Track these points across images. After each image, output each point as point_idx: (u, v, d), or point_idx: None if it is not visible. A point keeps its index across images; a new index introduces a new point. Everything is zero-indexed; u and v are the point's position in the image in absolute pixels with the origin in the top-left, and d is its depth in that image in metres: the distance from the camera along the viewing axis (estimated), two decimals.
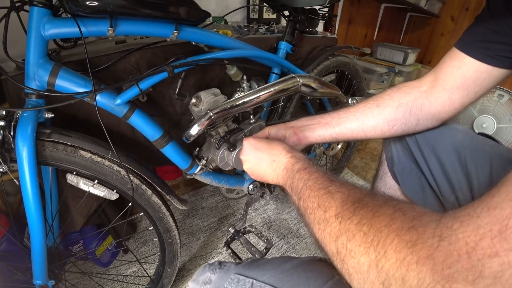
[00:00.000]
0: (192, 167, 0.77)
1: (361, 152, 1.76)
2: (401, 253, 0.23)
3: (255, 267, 0.39)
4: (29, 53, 0.51)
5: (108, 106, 0.60)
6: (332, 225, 0.31)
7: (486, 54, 0.44)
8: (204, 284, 0.41)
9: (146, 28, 0.58)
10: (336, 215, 0.31)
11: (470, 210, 0.23)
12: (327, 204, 0.33)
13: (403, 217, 0.26)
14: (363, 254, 0.26)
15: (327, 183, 0.37)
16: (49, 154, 0.56)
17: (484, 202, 0.22)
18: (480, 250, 0.20)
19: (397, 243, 0.24)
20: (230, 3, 1.44)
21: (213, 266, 0.43)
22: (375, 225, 0.27)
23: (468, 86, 0.47)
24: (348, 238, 0.28)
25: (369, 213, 0.28)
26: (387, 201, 0.30)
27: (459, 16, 2.27)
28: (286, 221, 1.22)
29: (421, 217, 0.25)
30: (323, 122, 0.60)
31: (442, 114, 0.52)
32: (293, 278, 0.35)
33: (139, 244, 1.09)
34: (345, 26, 2.15)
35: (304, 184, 0.40)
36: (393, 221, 0.26)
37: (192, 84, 0.84)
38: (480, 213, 0.21)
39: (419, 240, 0.23)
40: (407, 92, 0.53)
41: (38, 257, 0.61)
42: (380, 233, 0.26)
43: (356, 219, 0.29)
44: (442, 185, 0.55)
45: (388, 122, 0.55)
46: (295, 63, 0.94)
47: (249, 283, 0.37)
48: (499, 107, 1.54)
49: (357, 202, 0.31)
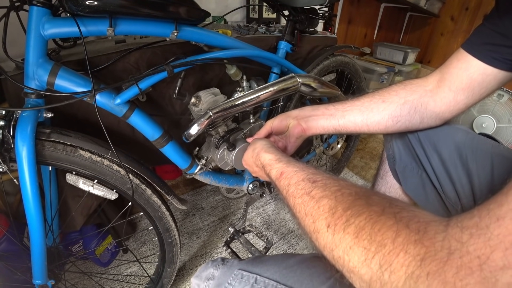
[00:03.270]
0: (192, 167, 0.77)
1: (360, 151, 1.76)
2: (409, 267, 0.22)
3: (258, 263, 0.39)
4: (28, 52, 0.51)
5: (108, 105, 0.60)
6: (324, 235, 0.29)
7: (493, 57, 0.44)
8: (207, 280, 0.41)
9: (146, 27, 0.58)
10: (327, 225, 0.29)
11: (477, 220, 0.22)
12: (315, 213, 0.31)
13: (407, 230, 0.24)
14: (364, 267, 0.25)
15: (308, 187, 0.34)
16: (48, 153, 0.56)
17: (492, 212, 0.21)
18: (492, 263, 0.19)
19: (403, 257, 0.23)
20: (229, 2, 1.44)
21: (216, 263, 0.43)
22: (376, 239, 0.25)
23: (473, 88, 0.48)
24: (345, 251, 0.27)
25: (367, 225, 0.26)
26: (384, 208, 0.27)
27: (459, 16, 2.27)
28: (286, 220, 1.22)
29: (426, 228, 0.24)
30: (327, 113, 0.58)
31: (446, 113, 0.52)
32: (296, 274, 0.35)
33: (139, 244, 1.09)
34: (345, 25, 2.15)
35: (286, 191, 0.37)
36: (396, 235, 0.24)
37: (191, 84, 0.84)
38: (490, 224, 0.21)
39: (427, 254, 0.22)
40: (413, 89, 0.53)
41: (38, 257, 0.61)
42: (383, 248, 0.24)
43: (351, 230, 0.27)
44: (444, 182, 0.55)
45: (392, 118, 0.54)
46: (295, 63, 0.94)
47: (252, 279, 0.37)
48: (499, 107, 1.54)
49: (349, 209, 0.29)
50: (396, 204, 0.28)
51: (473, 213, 0.23)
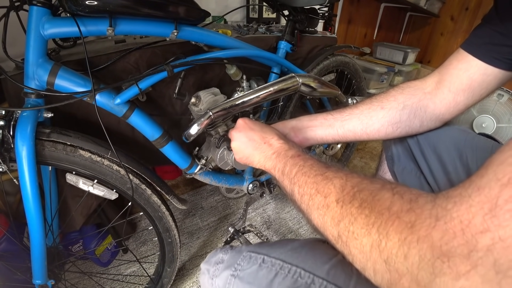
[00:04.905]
0: (192, 167, 0.77)
1: (360, 151, 1.76)
2: (402, 233, 0.25)
3: (265, 246, 0.41)
4: (28, 52, 0.51)
5: (108, 105, 0.60)
6: (333, 209, 0.32)
7: (493, 57, 0.44)
8: (217, 264, 0.43)
9: (146, 27, 0.58)
10: (336, 200, 0.32)
11: (461, 190, 0.24)
12: (327, 190, 0.34)
13: (401, 200, 0.27)
14: (365, 236, 0.28)
15: (323, 169, 0.37)
16: (48, 153, 0.56)
17: (474, 183, 0.24)
18: (473, 227, 0.22)
19: (397, 224, 0.26)
20: (229, 2, 1.44)
21: (225, 249, 0.45)
22: (375, 208, 0.28)
23: (474, 89, 0.47)
24: (350, 221, 0.30)
25: (369, 197, 0.30)
26: (384, 184, 0.31)
27: (459, 15, 2.27)
28: (285, 220, 1.22)
29: (417, 199, 0.27)
30: (325, 124, 0.58)
31: (446, 115, 0.52)
32: (301, 255, 0.37)
33: (139, 244, 1.09)
34: (345, 25, 2.15)
35: (298, 169, 0.39)
36: (392, 204, 0.28)
37: (191, 84, 0.84)
38: (471, 193, 0.23)
39: (417, 221, 0.25)
40: (411, 93, 0.53)
41: (38, 256, 0.61)
42: (381, 216, 0.27)
43: (356, 202, 0.30)
44: (443, 184, 0.55)
45: (392, 125, 0.54)
46: (295, 63, 0.94)
47: (260, 259, 0.39)
48: (499, 107, 1.54)
49: (356, 186, 0.32)
50: (396, 183, 0.31)
51: (458, 185, 0.25)
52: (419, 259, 0.23)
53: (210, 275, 0.43)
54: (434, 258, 0.23)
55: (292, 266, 0.36)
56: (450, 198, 0.25)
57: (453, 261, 0.22)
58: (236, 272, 0.39)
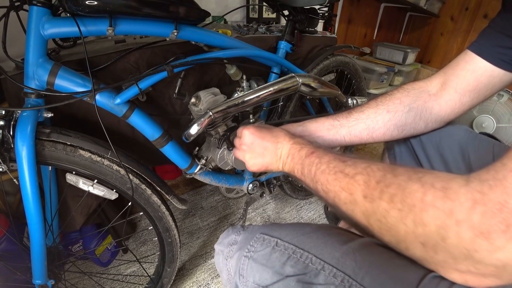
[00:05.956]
0: (192, 167, 0.77)
1: (361, 152, 1.76)
2: (438, 219, 0.27)
3: (277, 228, 0.42)
4: (28, 52, 0.51)
5: (108, 105, 0.60)
6: (361, 205, 0.33)
7: (502, 59, 0.45)
8: (230, 245, 0.44)
9: (146, 27, 0.58)
10: (364, 196, 0.33)
11: (494, 173, 0.26)
12: (351, 187, 0.35)
13: (433, 189, 0.28)
14: (401, 225, 0.29)
15: (341, 165, 0.38)
16: (48, 153, 0.56)
17: (506, 165, 0.26)
18: (510, 205, 0.24)
19: (433, 212, 0.27)
20: (229, 2, 1.44)
21: (237, 229, 0.45)
22: (407, 201, 0.29)
23: (479, 90, 0.48)
24: (383, 215, 0.31)
25: (398, 191, 0.31)
26: (409, 176, 0.31)
27: (459, 15, 2.27)
28: (285, 220, 1.22)
29: (449, 185, 0.28)
30: (332, 130, 0.57)
31: (451, 115, 0.53)
32: (312, 240, 0.38)
33: (139, 244, 1.09)
34: (345, 25, 2.15)
35: (316, 168, 0.40)
36: (424, 195, 0.28)
37: (191, 84, 0.84)
38: (506, 174, 0.25)
39: (455, 206, 0.26)
40: (416, 95, 0.53)
41: (38, 256, 0.61)
42: (414, 208, 0.28)
43: (386, 197, 0.31)
44: None
45: (398, 128, 0.54)
46: (295, 63, 0.94)
47: (273, 242, 0.39)
48: (499, 107, 1.54)
49: (382, 181, 0.33)
50: (418, 170, 0.32)
51: (488, 168, 0.27)
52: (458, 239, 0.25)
53: (225, 255, 0.44)
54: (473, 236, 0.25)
55: (304, 251, 0.37)
56: (484, 181, 0.26)
57: (491, 237, 0.24)
58: (250, 253, 0.40)
